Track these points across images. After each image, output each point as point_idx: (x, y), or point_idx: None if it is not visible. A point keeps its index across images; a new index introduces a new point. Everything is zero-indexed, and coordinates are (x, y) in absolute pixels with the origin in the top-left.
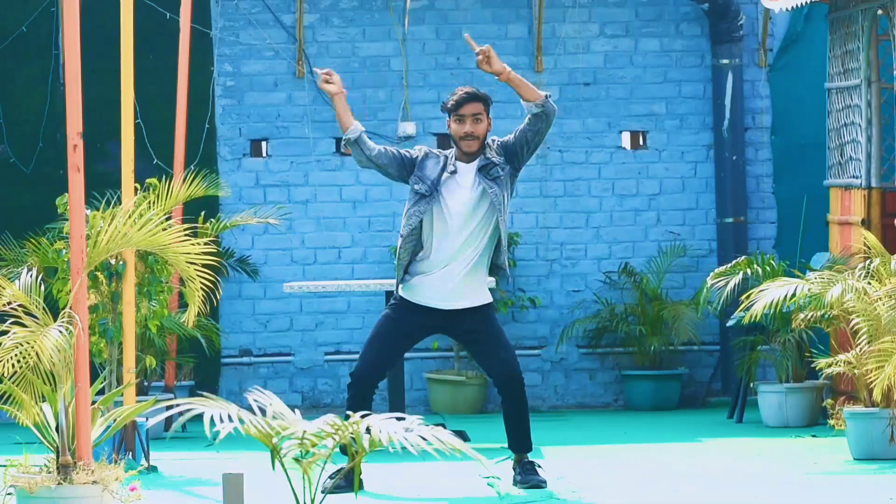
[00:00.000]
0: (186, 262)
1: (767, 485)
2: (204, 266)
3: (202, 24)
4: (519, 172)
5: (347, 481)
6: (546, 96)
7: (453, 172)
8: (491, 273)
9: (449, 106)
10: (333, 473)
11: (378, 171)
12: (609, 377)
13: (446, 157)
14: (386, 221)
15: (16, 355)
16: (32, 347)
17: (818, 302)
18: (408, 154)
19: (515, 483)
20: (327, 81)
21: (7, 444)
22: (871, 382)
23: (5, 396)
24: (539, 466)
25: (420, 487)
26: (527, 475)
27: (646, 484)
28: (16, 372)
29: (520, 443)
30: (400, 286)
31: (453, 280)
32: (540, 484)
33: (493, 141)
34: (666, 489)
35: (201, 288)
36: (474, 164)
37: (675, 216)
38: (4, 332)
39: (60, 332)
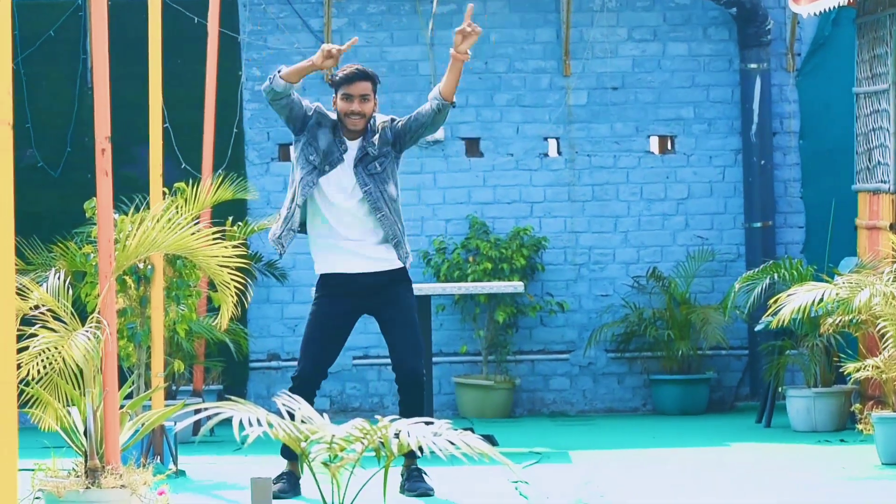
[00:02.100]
0: (217, 265)
1: (795, 489)
2: (233, 270)
3: (230, 28)
4: (402, 154)
5: (290, 485)
6: (453, 103)
7: (345, 151)
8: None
9: (337, 79)
10: (277, 477)
11: (281, 112)
12: (637, 382)
13: (336, 127)
14: (414, 226)
15: (44, 359)
16: (60, 351)
17: (846, 306)
18: (301, 108)
19: (403, 490)
20: (330, 55)
21: (35, 448)
22: None
23: (33, 400)
24: (426, 474)
25: (448, 492)
26: (414, 482)
27: (673, 488)
28: (43, 376)
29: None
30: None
31: (356, 249)
32: (428, 492)
33: (381, 125)
34: (694, 494)
35: (232, 292)
36: (356, 146)
37: (704, 220)
38: (32, 336)
39: (88, 336)
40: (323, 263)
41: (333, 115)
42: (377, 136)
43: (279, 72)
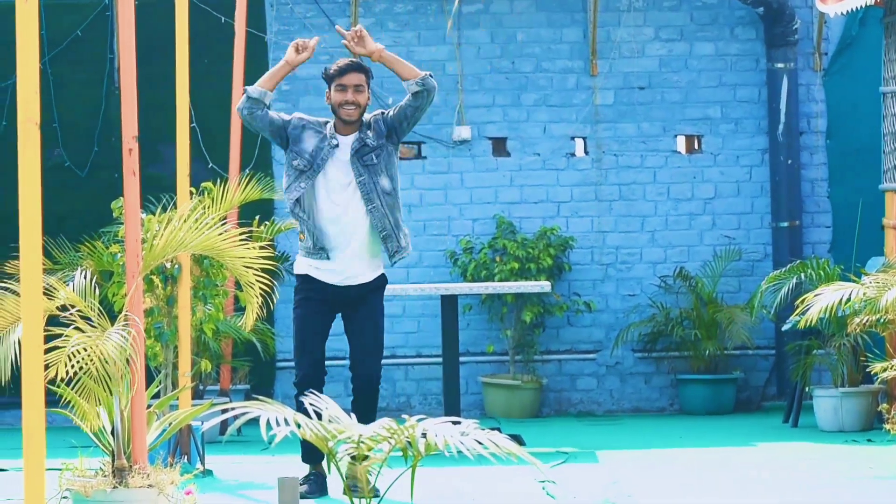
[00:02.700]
0: (244, 266)
1: (822, 489)
2: (260, 270)
3: (257, 28)
4: (399, 145)
5: (317, 486)
6: (427, 74)
7: (335, 146)
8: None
9: (331, 72)
10: (304, 479)
11: (262, 127)
12: (664, 381)
13: (325, 127)
14: (441, 225)
15: (73, 359)
16: (90, 352)
17: (873, 306)
18: (280, 118)
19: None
20: (303, 48)
21: (62, 447)
22: None
23: (61, 400)
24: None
25: (475, 492)
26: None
27: (700, 488)
28: (73, 376)
29: None
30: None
31: (345, 262)
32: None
33: (373, 118)
34: (720, 494)
35: (259, 292)
36: (351, 140)
37: (730, 220)
38: (59, 336)
39: (117, 335)
40: (307, 266)
41: (318, 118)
42: (371, 129)
43: (248, 90)
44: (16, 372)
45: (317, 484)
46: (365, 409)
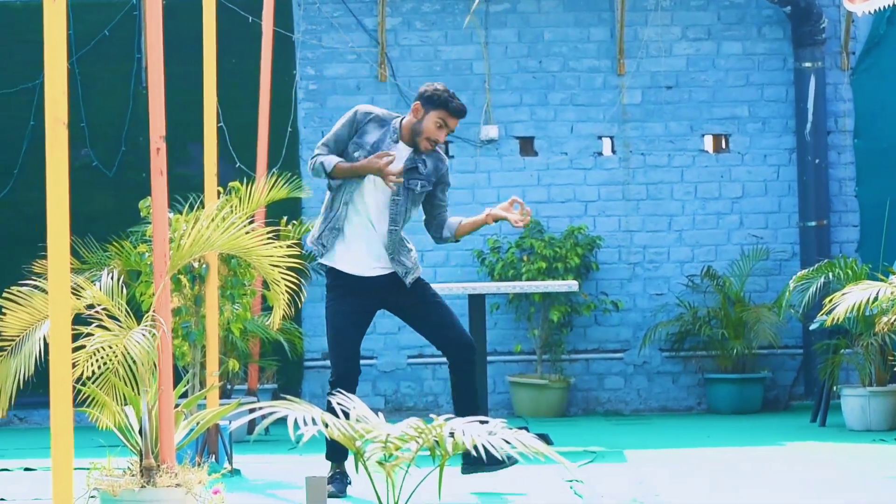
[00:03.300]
0: (271, 265)
1: (850, 489)
2: (288, 269)
3: (285, 27)
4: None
5: (343, 485)
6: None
7: (394, 145)
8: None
9: (444, 102)
10: (329, 478)
11: None
12: (692, 381)
13: (391, 126)
14: None
15: (100, 358)
16: (116, 350)
17: None
18: (344, 128)
19: (474, 469)
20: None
21: (90, 446)
22: None
23: (88, 399)
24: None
25: (503, 490)
26: (489, 455)
27: (727, 488)
28: (99, 375)
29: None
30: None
31: (374, 252)
32: (512, 460)
33: (437, 157)
34: (748, 493)
35: (286, 291)
36: (406, 154)
37: (758, 219)
38: (89, 335)
39: (144, 335)
40: (337, 259)
41: (381, 112)
42: (432, 164)
43: (326, 163)
44: (40, 370)
45: (342, 483)
46: (469, 387)
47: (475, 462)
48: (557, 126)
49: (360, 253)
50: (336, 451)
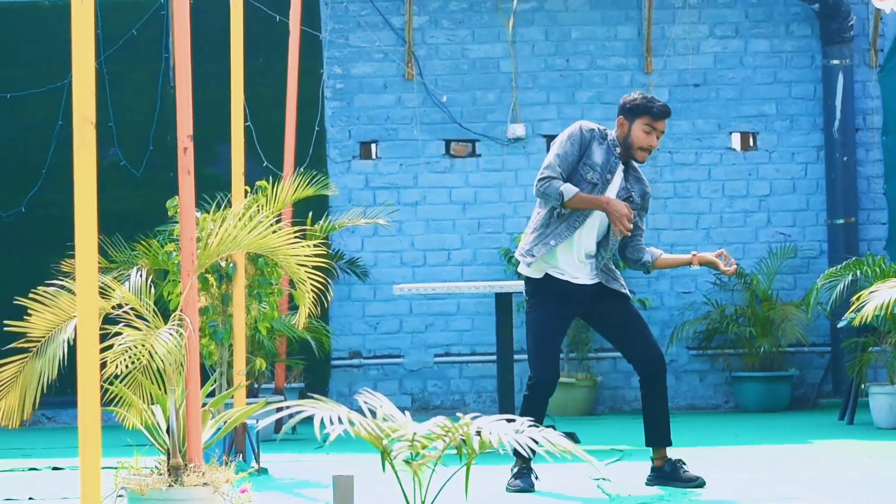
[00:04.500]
0: (297, 264)
1: (879, 487)
2: (314, 268)
3: (312, 26)
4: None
5: (527, 484)
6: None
7: (614, 169)
8: None
9: (645, 107)
10: (518, 472)
11: None
12: (719, 379)
13: (609, 141)
14: (496, 223)
15: (128, 357)
16: (143, 349)
17: None
18: (573, 147)
19: (667, 482)
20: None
21: (118, 446)
22: None
23: (116, 398)
24: (685, 464)
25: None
26: (683, 473)
27: (756, 486)
28: (127, 374)
29: (663, 435)
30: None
31: (583, 269)
32: (702, 483)
33: (644, 183)
34: (776, 491)
35: (312, 290)
36: (620, 172)
37: (786, 217)
38: (117, 334)
39: (171, 334)
40: (548, 268)
41: (598, 127)
42: (639, 190)
43: (565, 192)
44: (63, 371)
45: (528, 478)
46: (659, 402)
47: (665, 476)
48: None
49: (569, 266)
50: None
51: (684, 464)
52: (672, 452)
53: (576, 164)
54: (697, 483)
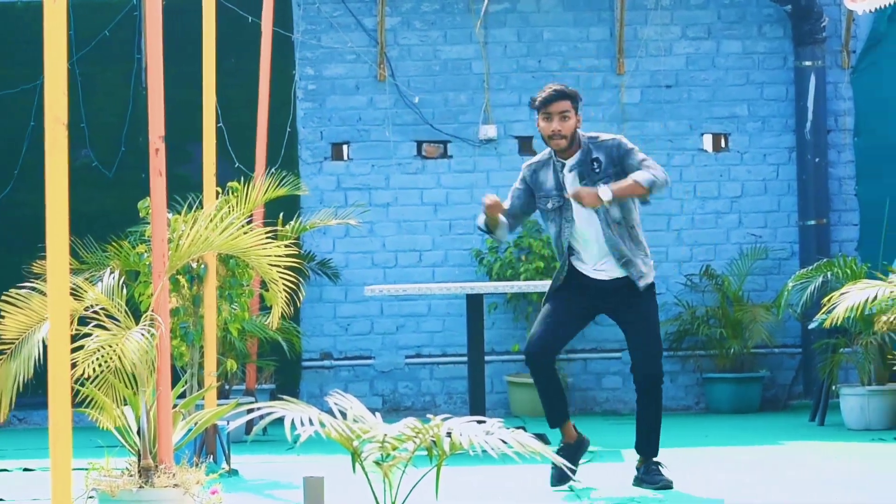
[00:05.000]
0: (269, 264)
1: (850, 488)
2: (286, 269)
3: (284, 27)
4: None
5: (562, 475)
6: (649, 183)
7: (563, 171)
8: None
9: (536, 102)
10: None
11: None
12: (690, 380)
13: (550, 157)
14: (467, 225)
15: (99, 358)
16: (114, 350)
17: None
18: (521, 185)
19: (640, 484)
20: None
21: (89, 447)
22: None
23: (87, 400)
24: (664, 466)
25: (500, 491)
26: (654, 475)
27: (726, 487)
28: (97, 375)
29: (650, 444)
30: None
31: (606, 268)
32: (668, 484)
33: (608, 144)
34: (747, 492)
35: (284, 290)
36: (572, 162)
37: (757, 218)
38: (87, 335)
39: (143, 334)
40: (570, 262)
41: (536, 157)
42: (604, 156)
43: (489, 230)
44: (38, 371)
45: (570, 456)
46: (648, 409)
47: (638, 478)
48: None
49: (589, 259)
50: (554, 411)
51: (660, 466)
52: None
53: (532, 201)
54: (660, 485)
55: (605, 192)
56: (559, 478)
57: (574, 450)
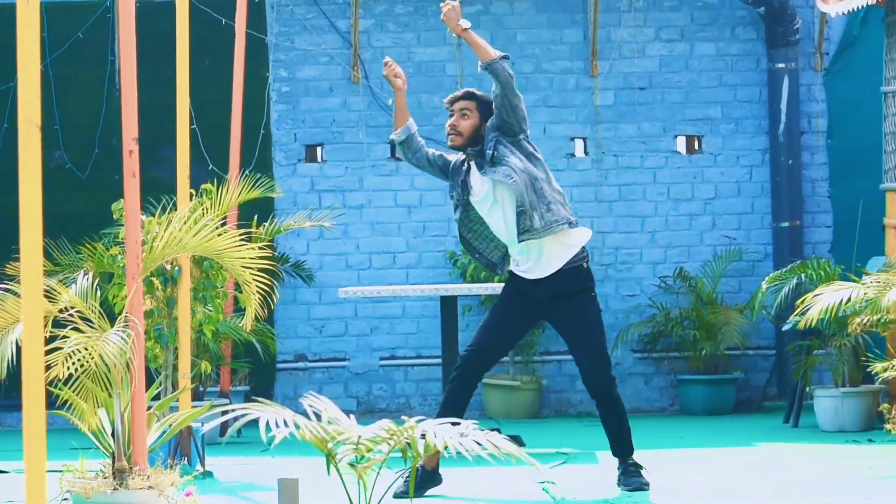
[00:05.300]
0: (242, 266)
1: (823, 490)
2: (259, 271)
3: (258, 29)
4: (521, 134)
5: (406, 491)
6: (498, 57)
7: (468, 170)
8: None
9: (446, 101)
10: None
11: (424, 168)
12: (664, 382)
13: (465, 156)
14: (441, 226)
15: (77, 360)
16: (90, 352)
17: (874, 306)
18: (442, 158)
19: (619, 484)
20: (395, 75)
21: (63, 449)
22: None
23: (62, 402)
24: (642, 468)
25: (474, 492)
26: (630, 477)
27: (701, 489)
28: (72, 377)
29: (620, 447)
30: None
31: (530, 259)
32: (643, 486)
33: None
34: (721, 494)
35: (257, 293)
36: (474, 167)
37: (731, 220)
38: (64, 338)
39: (120, 336)
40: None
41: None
42: (485, 138)
43: (395, 141)
44: (12, 373)
45: (422, 482)
46: (609, 420)
47: (618, 478)
48: (530, 127)
49: (520, 258)
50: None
51: (638, 468)
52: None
53: (439, 173)
54: (634, 487)
55: (466, 21)
56: (404, 491)
57: (428, 477)
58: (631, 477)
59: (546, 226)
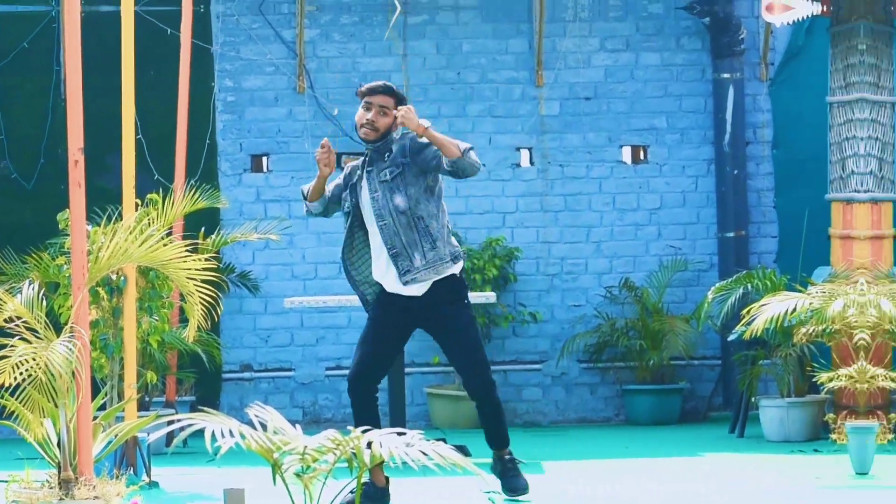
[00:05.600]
0: (187, 277)
1: (769, 500)
2: (204, 281)
3: (203, 39)
4: (428, 175)
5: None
6: (465, 150)
7: (364, 173)
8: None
9: (361, 90)
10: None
11: (336, 211)
12: (610, 392)
13: (364, 159)
14: None
15: (23, 371)
16: (37, 362)
17: (820, 316)
18: (340, 181)
19: (501, 485)
20: (325, 164)
21: (8, 459)
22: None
23: (8, 412)
24: (520, 462)
25: (421, 502)
26: (511, 479)
27: (646, 499)
28: (18, 387)
29: (496, 440)
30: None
31: (387, 272)
32: (525, 489)
33: (408, 137)
34: (682, 503)
35: (202, 303)
36: (377, 164)
37: (676, 230)
38: (8, 347)
39: (67, 347)
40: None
41: (353, 161)
42: (397, 148)
43: (305, 198)
44: None
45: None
46: (488, 421)
47: (496, 472)
48: (475, 138)
49: (381, 264)
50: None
51: (515, 465)
52: (562, 466)
53: (340, 192)
54: (520, 492)
55: (426, 121)
56: (350, 502)
57: (376, 494)
58: (512, 479)
59: (428, 264)
